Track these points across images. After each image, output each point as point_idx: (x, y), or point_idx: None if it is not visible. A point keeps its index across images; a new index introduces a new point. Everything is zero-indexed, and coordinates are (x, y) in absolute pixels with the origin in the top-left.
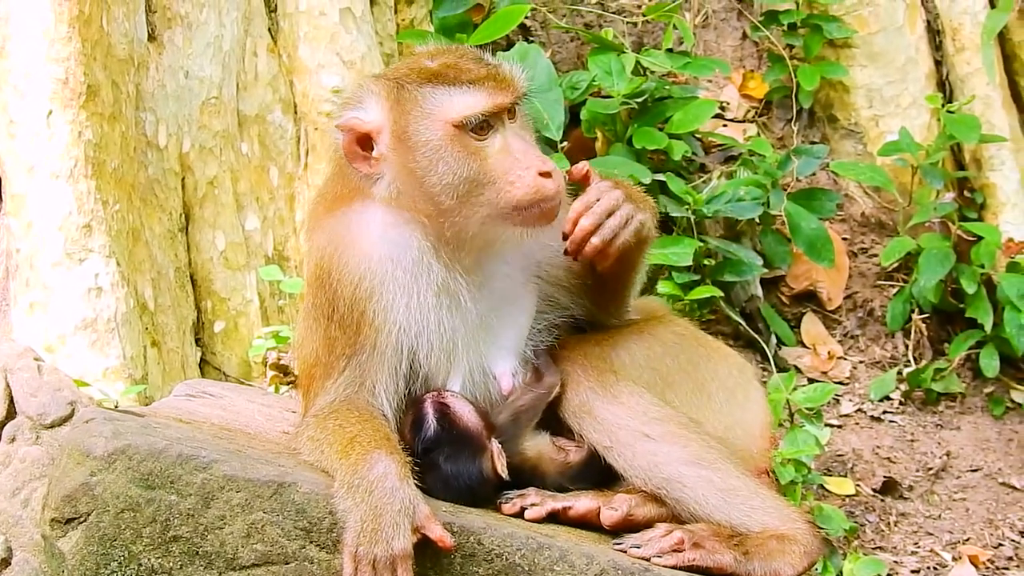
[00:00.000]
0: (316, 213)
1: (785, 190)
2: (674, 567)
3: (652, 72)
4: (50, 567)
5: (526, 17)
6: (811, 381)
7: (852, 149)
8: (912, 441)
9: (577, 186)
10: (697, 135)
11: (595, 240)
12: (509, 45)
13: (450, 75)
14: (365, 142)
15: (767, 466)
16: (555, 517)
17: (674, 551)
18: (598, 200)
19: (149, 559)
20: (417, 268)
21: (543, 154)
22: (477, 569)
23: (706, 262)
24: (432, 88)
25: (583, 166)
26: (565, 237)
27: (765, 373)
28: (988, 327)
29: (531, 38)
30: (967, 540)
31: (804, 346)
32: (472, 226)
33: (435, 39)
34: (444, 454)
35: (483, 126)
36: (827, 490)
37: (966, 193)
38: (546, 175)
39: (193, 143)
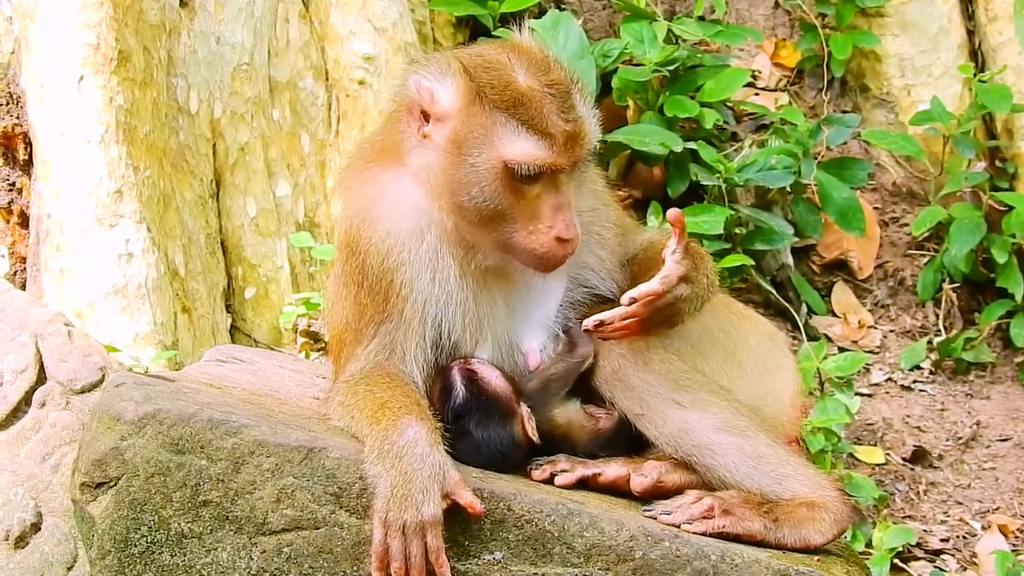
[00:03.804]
0: (353, 167)
1: (816, 159)
2: (704, 534)
3: (684, 40)
4: (80, 531)
5: None
6: (841, 350)
7: (884, 118)
8: (942, 410)
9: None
10: (729, 104)
11: (625, 332)
12: (541, 12)
13: (530, 113)
14: (425, 113)
15: (797, 434)
16: (585, 484)
17: (704, 518)
18: (663, 295)
19: (179, 523)
20: (439, 249)
21: (573, 218)
22: (507, 535)
23: (737, 231)
24: (506, 118)
25: (679, 218)
26: (597, 325)
27: (796, 342)
28: (1019, 297)
29: (563, 5)
30: (996, 509)
31: (835, 315)
32: (480, 242)
33: (466, 7)
34: (474, 420)
35: (535, 174)
36: (857, 459)
37: (997, 163)
38: (563, 242)
39: (224, 109)
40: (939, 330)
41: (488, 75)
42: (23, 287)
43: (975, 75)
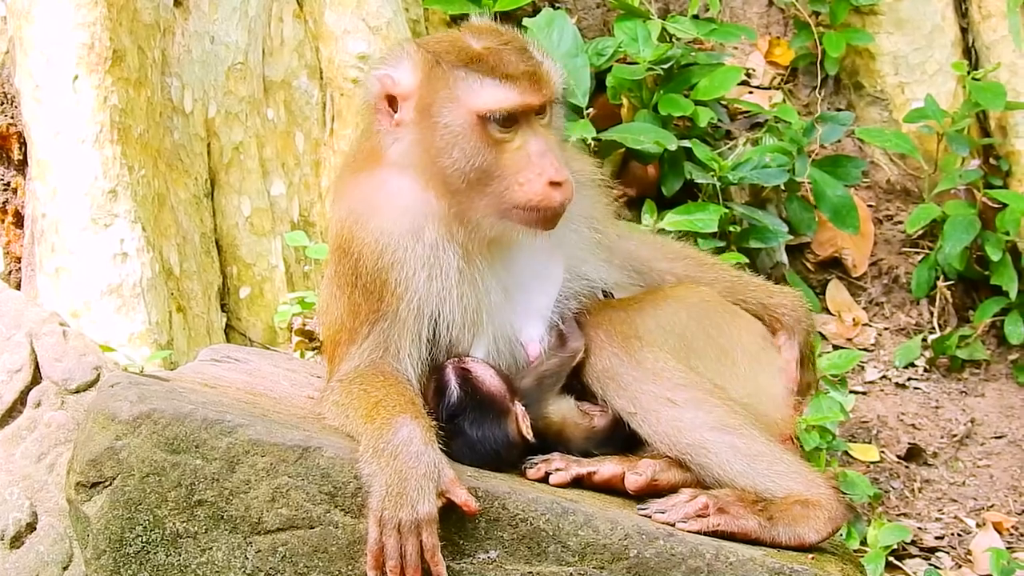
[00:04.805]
0: (342, 176)
1: (810, 157)
2: (698, 532)
3: (678, 38)
4: (75, 531)
5: None
6: (836, 348)
7: (878, 116)
8: (936, 408)
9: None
10: (723, 102)
11: None
12: (535, 11)
13: (488, 63)
14: (392, 102)
15: (791, 432)
16: (580, 482)
17: (698, 516)
18: None
19: (174, 523)
20: (436, 246)
21: (560, 161)
22: (502, 533)
23: (731, 229)
24: (466, 73)
25: None
26: None
27: None
28: (1013, 294)
29: (557, 4)
30: (991, 507)
31: (829, 313)
32: (477, 212)
33: (460, 5)
34: (468, 419)
35: (508, 120)
36: (851, 456)
37: (991, 160)
38: (556, 185)
39: (219, 108)
40: (933, 327)
41: (442, 45)
42: (18, 287)
43: (969, 73)
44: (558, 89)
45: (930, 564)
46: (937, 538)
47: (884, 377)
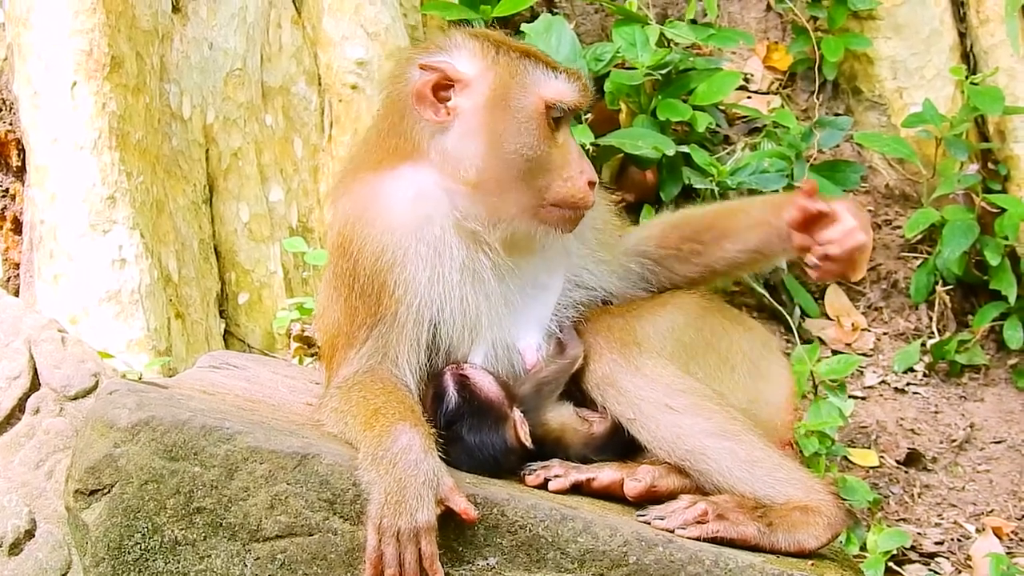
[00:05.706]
0: (347, 177)
1: (809, 162)
2: (698, 538)
3: (676, 44)
4: (74, 538)
5: None
6: (835, 353)
7: (876, 121)
8: (936, 413)
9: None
10: (721, 107)
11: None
12: (533, 16)
13: (544, 59)
14: (441, 90)
15: (791, 438)
16: (579, 488)
17: (698, 522)
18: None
19: (172, 530)
20: (440, 244)
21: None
22: (501, 540)
23: None
24: (531, 63)
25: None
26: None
27: (789, 345)
28: (1012, 299)
29: (555, 9)
30: (991, 512)
31: (828, 318)
32: (511, 209)
33: (459, 11)
34: (466, 425)
35: (558, 118)
36: (851, 462)
37: (990, 165)
38: (592, 186)
39: (217, 115)
40: (932, 332)
41: (492, 36)
42: (17, 293)
43: (967, 77)
44: (593, 97)
45: (930, 569)
46: (937, 543)
47: (883, 382)
